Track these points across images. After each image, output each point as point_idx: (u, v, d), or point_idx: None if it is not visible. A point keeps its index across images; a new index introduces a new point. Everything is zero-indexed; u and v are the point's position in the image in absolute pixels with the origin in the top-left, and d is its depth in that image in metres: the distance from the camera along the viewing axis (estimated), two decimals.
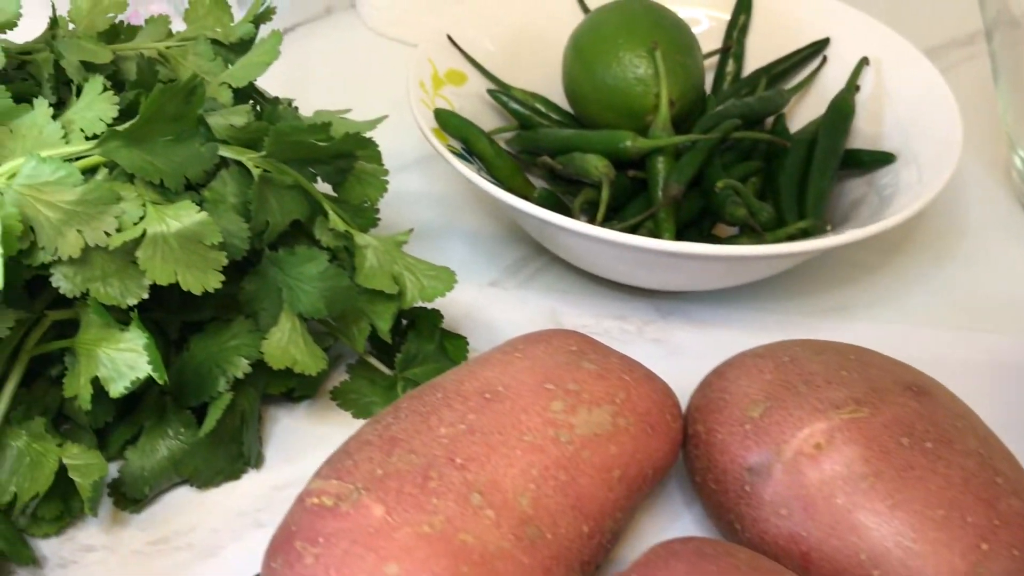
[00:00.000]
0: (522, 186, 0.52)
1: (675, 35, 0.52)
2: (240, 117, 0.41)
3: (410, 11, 0.70)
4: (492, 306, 0.52)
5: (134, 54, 0.47)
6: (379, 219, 0.46)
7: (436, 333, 0.46)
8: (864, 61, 0.56)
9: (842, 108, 0.53)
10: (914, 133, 0.52)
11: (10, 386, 0.39)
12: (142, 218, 0.37)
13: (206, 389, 0.41)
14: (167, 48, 0.46)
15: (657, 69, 0.51)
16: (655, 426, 0.37)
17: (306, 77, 0.71)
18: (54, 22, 0.46)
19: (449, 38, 0.56)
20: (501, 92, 0.56)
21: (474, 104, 0.56)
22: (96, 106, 0.40)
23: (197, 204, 0.39)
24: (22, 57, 0.44)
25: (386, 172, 0.45)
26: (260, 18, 0.48)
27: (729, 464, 0.37)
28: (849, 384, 0.37)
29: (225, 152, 0.40)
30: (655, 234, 0.49)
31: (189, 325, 0.43)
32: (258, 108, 0.46)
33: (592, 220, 0.48)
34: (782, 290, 0.53)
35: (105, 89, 0.40)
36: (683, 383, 0.43)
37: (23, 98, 0.43)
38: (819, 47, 0.58)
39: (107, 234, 0.37)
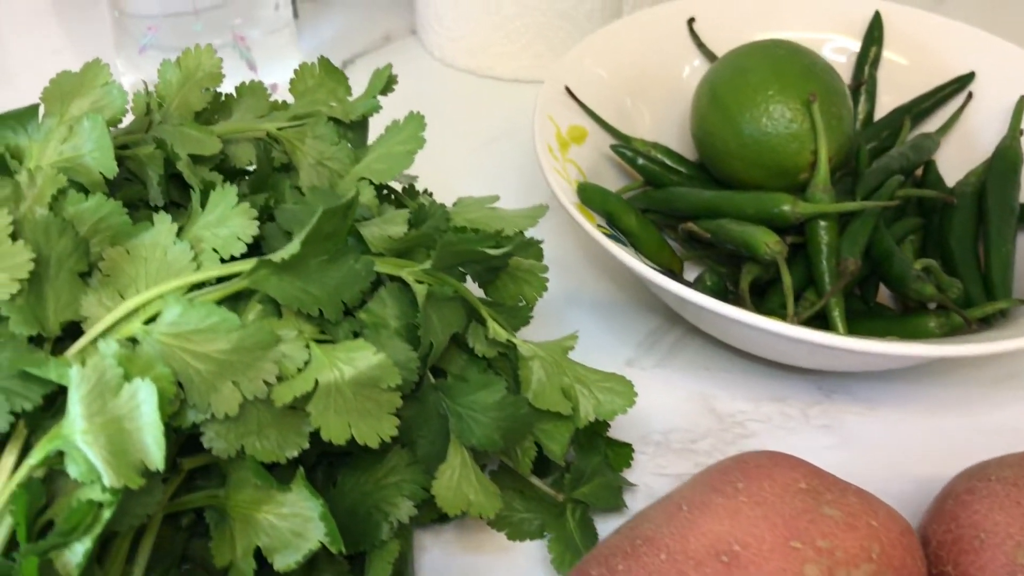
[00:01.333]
0: (669, 260, 0.46)
1: (828, 82, 0.47)
2: (398, 226, 0.35)
3: (489, 42, 0.64)
4: None
5: (242, 135, 0.40)
6: (532, 317, 0.40)
7: (601, 443, 0.41)
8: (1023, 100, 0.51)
9: (1009, 157, 0.48)
10: None
11: (143, 555, 0.34)
12: (307, 362, 0.31)
13: (366, 536, 0.35)
14: (279, 130, 0.40)
15: (814, 124, 0.46)
16: None
17: (373, 119, 0.65)
18: (148, 107, 0.39)
19: (567, 91, 0.50)
20: (625, 147, 0.50)
21: (593, 159, 0.51)
22: (231, 222, 0.34)
23: (357, 332, 0.34)
24: (121, 152, 0.38)
25: (545, 269, 0.39)
26: (385, 89, 0.41)
27: None
28: None
29: (382, 267, 0.35)
30: (825, 316, 0.44)
31: (326, 453, 0.38)
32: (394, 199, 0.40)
33: (757, 301, 0.43)
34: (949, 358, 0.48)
35: (240, 199, 0.34)
36: (871, 483, 0.39)
37: (130, 204, 0.37)
38: (963, 82, 0.53)
39: (267, 384, 0.31)
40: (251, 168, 0.41)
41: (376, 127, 0.45)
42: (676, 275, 0.47)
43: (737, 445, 0.45)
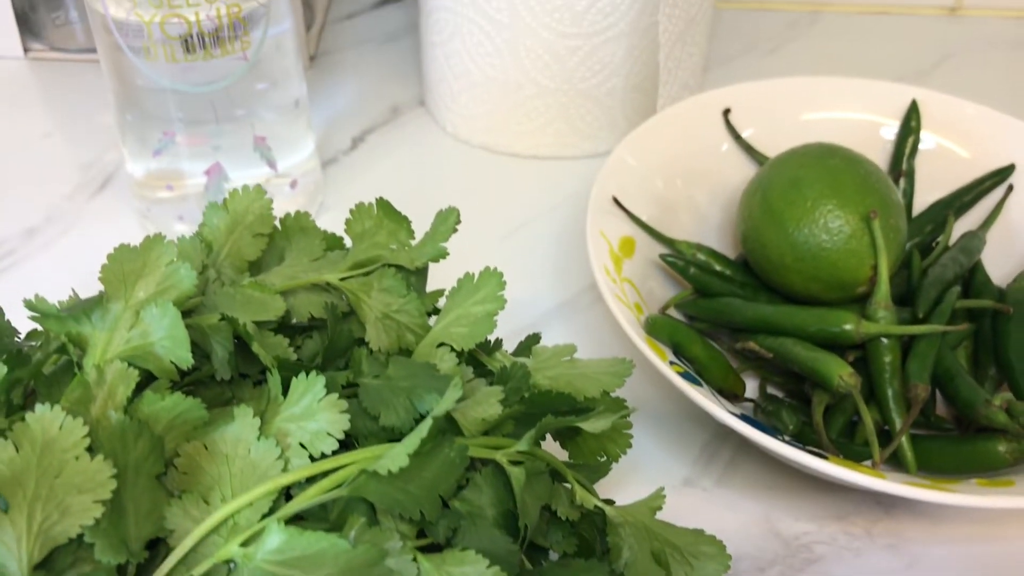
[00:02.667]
0: (734, 384, 0.45)
1: (885, 194, 0.46)
2: (492, 408, 0.33)
3: (508, 121, 0.62)
4: (695, 514, 0.46)
5: (300, 286, 0.38)
6: (611, 468, 0.39)
7: None
8: None
9: None
10: None
11: None
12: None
13: None
14: (342, 280, 0.38)
15: (875, 241, 0.45)
16: None
17: (388, 195, 0.63)
18: (204, 265, 0.37)
19: (615, 201, 0.49)
20: (675, 257, 0.49)
21: (642, 268, 0.49)
22: (320, 416, 0.32)
23: (454, 527, 0.32)
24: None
25: (630, 426, 0.38)
26: (449, 232, 0.40)
27: None
28: None
29: (476, 452, 0.33)
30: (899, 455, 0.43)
31: None
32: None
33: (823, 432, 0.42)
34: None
35: (328, 390, 0.32)
36: None
37: (198, 381, 0.35)
38: (1003, 175, 0.53)
39: None
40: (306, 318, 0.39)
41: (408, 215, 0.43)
42: (740, 397, 0.46)
43: (806, 572, 0.44)
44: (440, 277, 0.43)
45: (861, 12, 0.79)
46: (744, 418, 0.40)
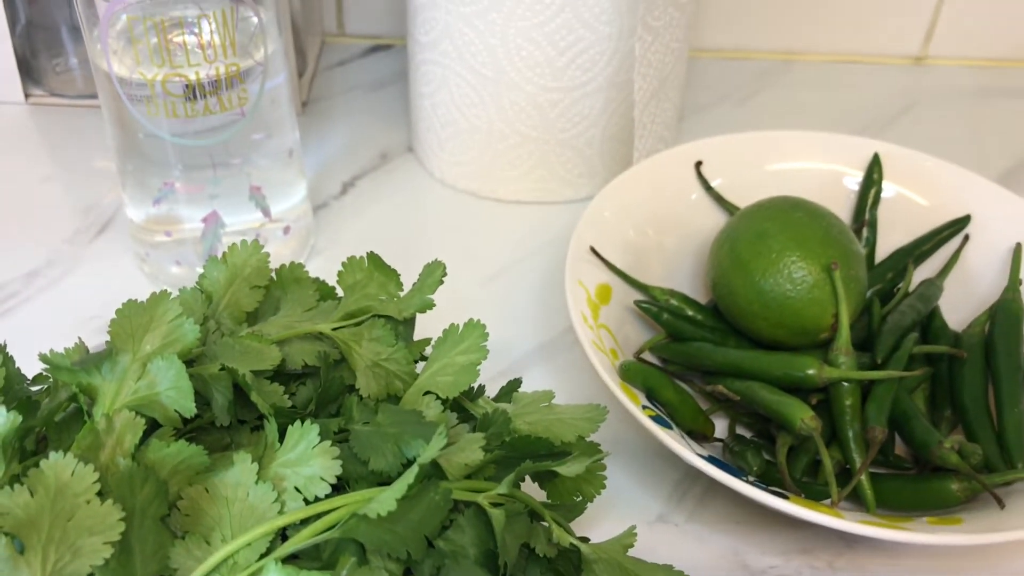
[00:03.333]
0: (703, 426, 0.48)
1: (846, 245, 0.49)
2: (474, 453, 0.36)
3: (492, 168, 0.65)
4: (668, 548, 0.48)
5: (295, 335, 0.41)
6: (586, 507, 0.41)
7: None
8: (1021, 249, 0.53)
9: (1012, 311, 0.51)
10: None
11: None
12: None
13: None
14: (334, 330, 0.41)
15: (836, 290, 0.48)
16: None
17: (379, 245, 0.65)
18: (205, 318, 0.39)
19: (593, 251, 0.51)
20: (650, 303, 0.52)
21: (618, 313, 0.52)
22: (314, 462, 0.34)
23: (439, 566, 0.34)
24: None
25: (604, 468, 0.40)
26: (436, 284, 0.42)
27: None
28: None
29: (459, 495, 0.35)
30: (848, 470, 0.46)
31: None
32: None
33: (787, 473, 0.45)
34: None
35: (322, 438, 0.34)
36: None
37: (199, 428, 0.37)
38: (960, 225, 0.56)
39: None
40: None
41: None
42: (709, 438, 0.48)
43: None
44: (426, 318, 0.45)
45: (832, 61, 0.83)
46: (712, 459, 0.43)
